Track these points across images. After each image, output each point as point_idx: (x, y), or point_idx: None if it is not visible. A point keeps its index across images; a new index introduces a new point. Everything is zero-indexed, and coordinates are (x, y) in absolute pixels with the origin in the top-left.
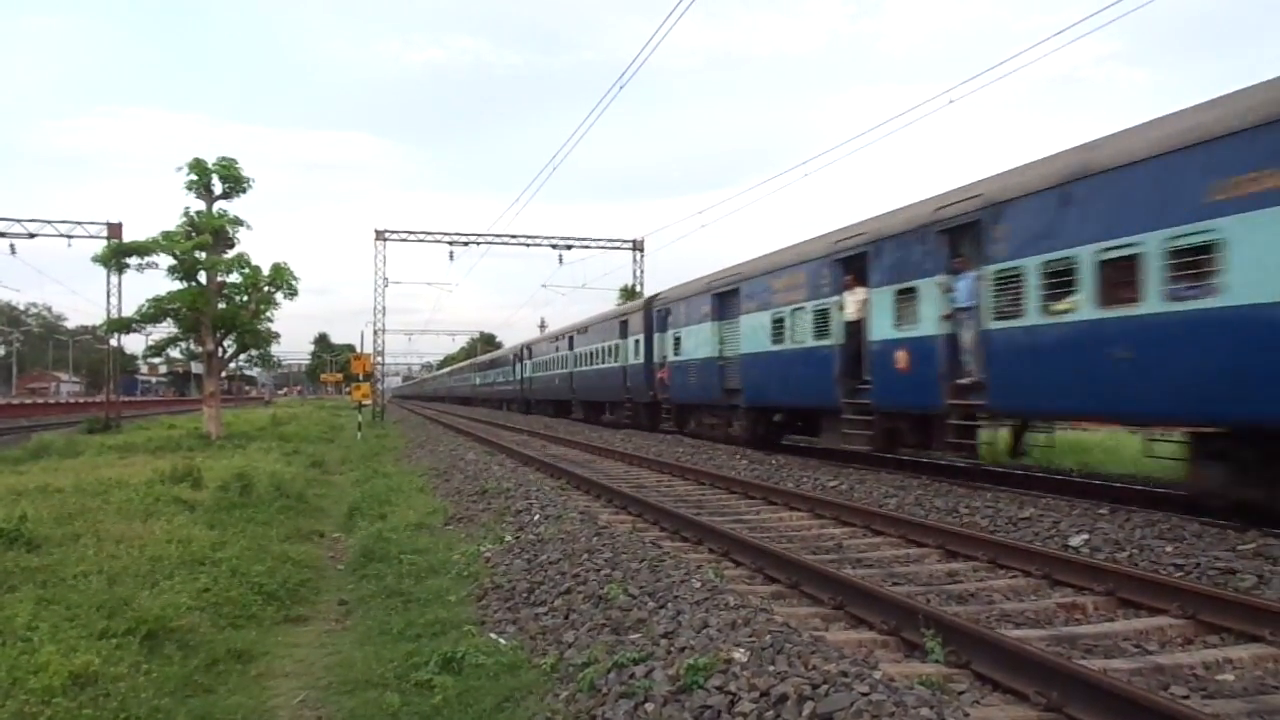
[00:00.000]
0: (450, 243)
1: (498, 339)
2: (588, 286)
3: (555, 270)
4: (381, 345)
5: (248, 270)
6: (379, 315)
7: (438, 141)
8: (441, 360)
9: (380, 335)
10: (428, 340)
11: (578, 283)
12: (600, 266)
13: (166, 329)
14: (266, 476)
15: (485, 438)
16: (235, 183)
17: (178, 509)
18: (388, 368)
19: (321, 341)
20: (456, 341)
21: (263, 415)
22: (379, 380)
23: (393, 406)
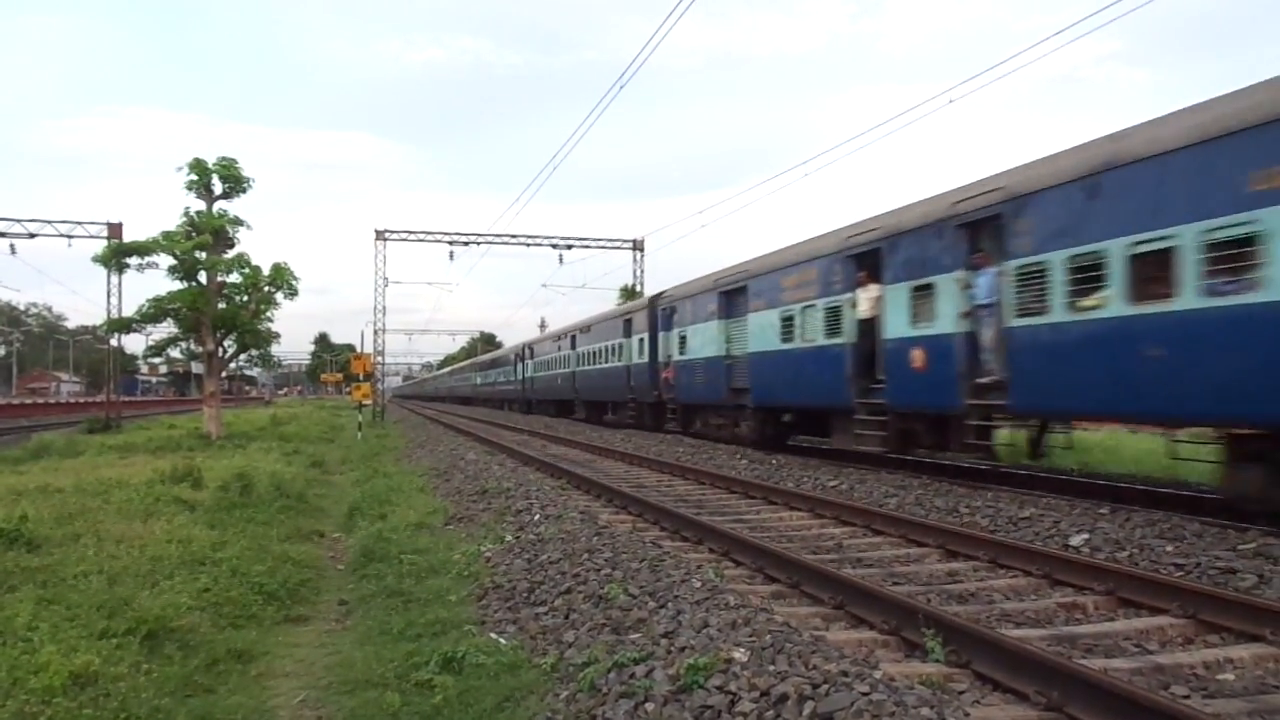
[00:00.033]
0: (450, 242)
1: (498, 339)
2: (588, 286)
3: (555, 270)
4: (381, 345)
5: (248, 270)
6: (379, 315)
7: (438, 141)
8: (442, 360)
9: (380, 335)
10: (428, 340)
11: (578, 282)
12: (600, 266)
13: (167, 329)
14: (267, 476)
15: (485, 438)
16: (235, 183)
17: (178, 509)
18: (388, 367)
19: (322, 341)
20: (456, 341)
21: (263, 415)
22: (379, 380)
23: (393, 406)
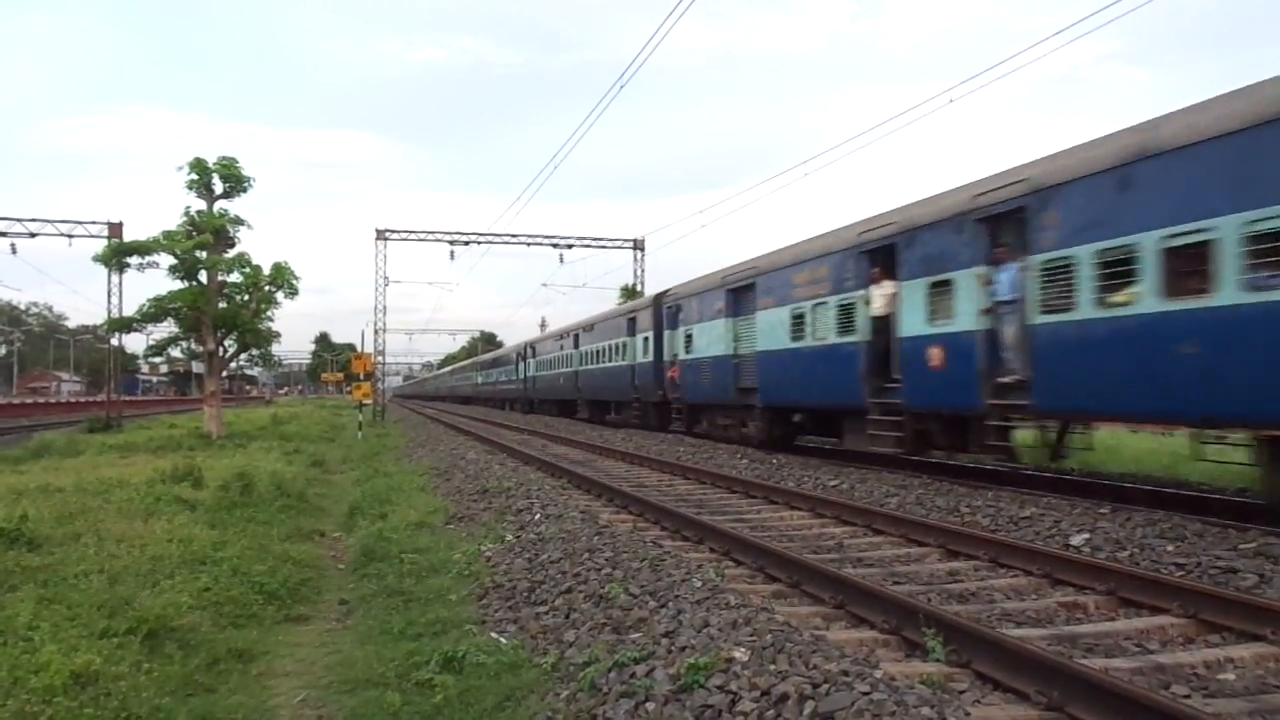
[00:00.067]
0: (451, 242)
1: (498, 338)
2: (588, 286)
3: (556, 269)
4: (382, 344)
5: (248, 269)
6: (379, 314)
7: (438, 141)
8: (442, 360)
9: (381, 334)
10: (428, 339)
11: (578, 282)
12: (601, 266)
13: (167, 328)
14: (267, 476)
15: (486, 437)
16: (236, 182)
17: (179, 508)
18: (388, 367)
19: (322, 341)
20: (457, 341)
21: (263, 414)
22: (379, 380)
23: (393, 406)
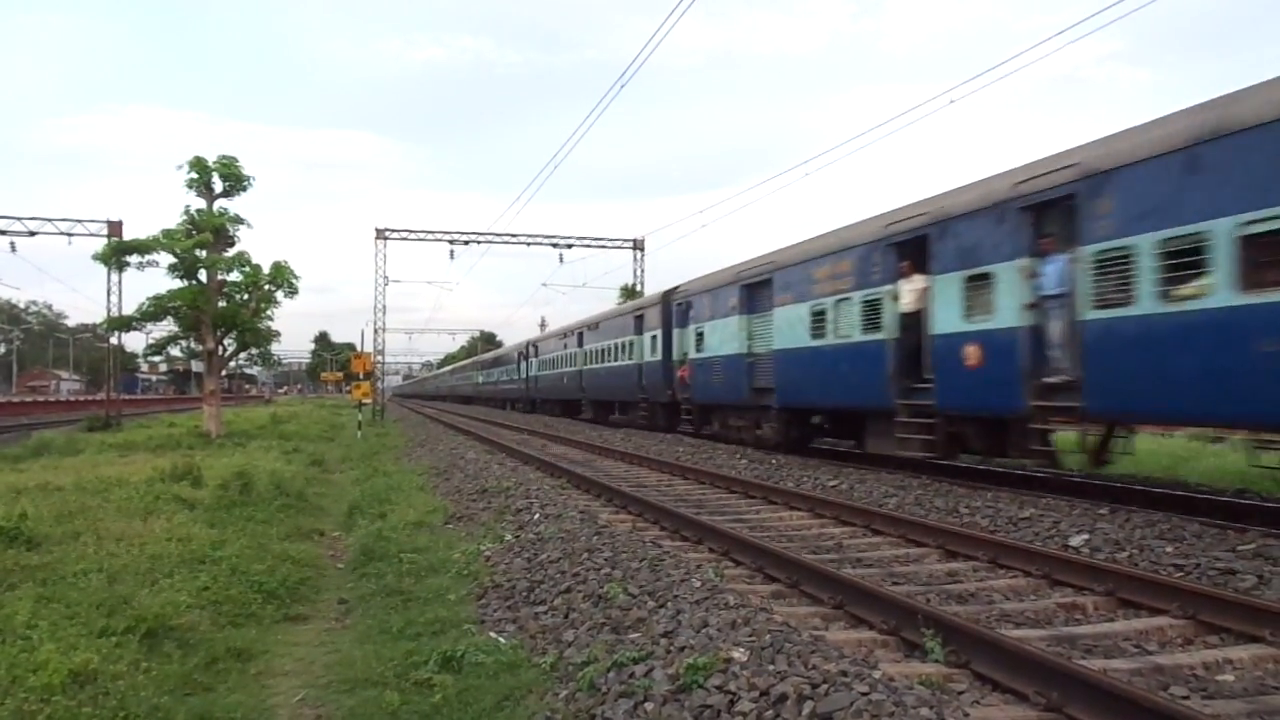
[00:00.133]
0: (451, 241)
1: (498, 338)
2: (588, 285)
3: (556, 269)
4: (382, 344)
5: (248, 268)
6: (379, 314)
7: (438, 140)
8: (442, 359)
9: (380, 334)
10: (428, 339)
11: (578, 282)
12: (601, 265)
13: (167, 327)
14: (266, 475)
15: (485, 437)
16: (236, 181)
17: (178, 507)
18: (388, 366)
19: (322, 340)
20: (457, 340)
21: (263, 414)
22: (379, 379)
23: (393, 405)
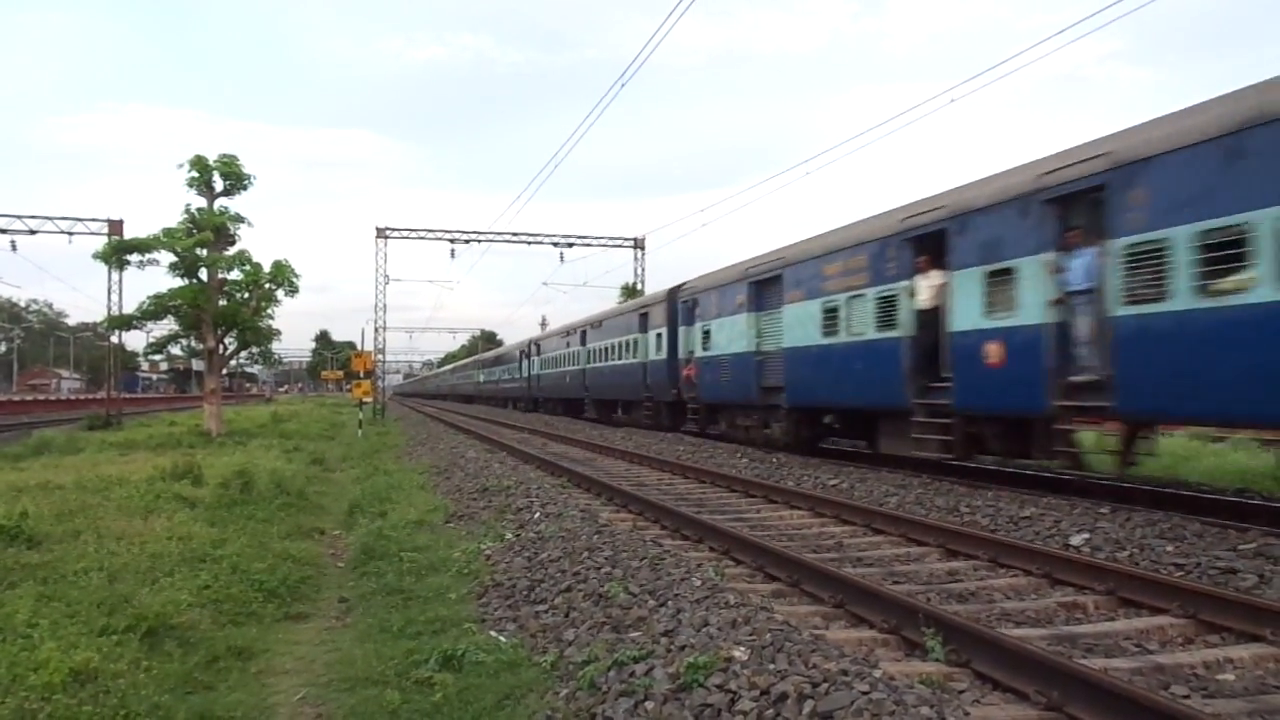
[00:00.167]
0: (451, 240)
1: (499, 337)
2: (589, 284)
3: (556, 268)
4: (382, 343)
5: (249, 267)
6: (380, 312)
7: (439, 139)
8: (442, 358)
9: (381, 333)
10: (429, 338)
11: (579, 281)
12: (601, 265)
13: (167, 326)
14: (267, 474)
15: (486, 435)
16: (236, 180)
17: (178, 506)
18: (388, 365)
19: (322, 339)
20: (457, 339)
21: (263, 412)
22: (380, 378)
23: (393, 404)
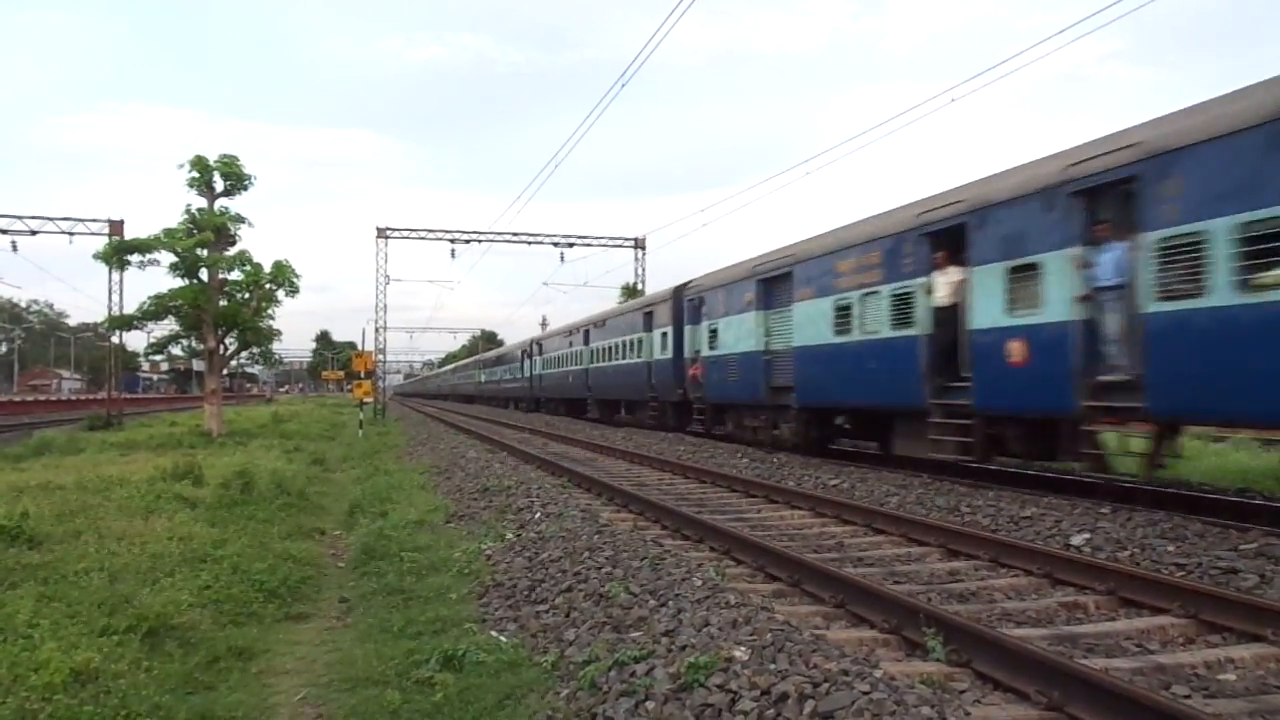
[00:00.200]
0: (452, 240)
1: (499, 337)
2: (589, 285)
3: (557, 268)
4: (383, 343)
5: (249, 267)
6: (380, 313)
7: (439, 139)
8: (443, 358)
9: (381, 333)
10: (429, 338)
11: (579, 281)
12: (602, 265)
13: (168, 326)
14: (268, 474)
15: (487, 436)
16: (237, 180)
17: (179, 506)
18: (389, 365)
19: (323, 339)
20: (458, 339)
21: (264, 413)
22: (380, 378)
23: (394, 405)
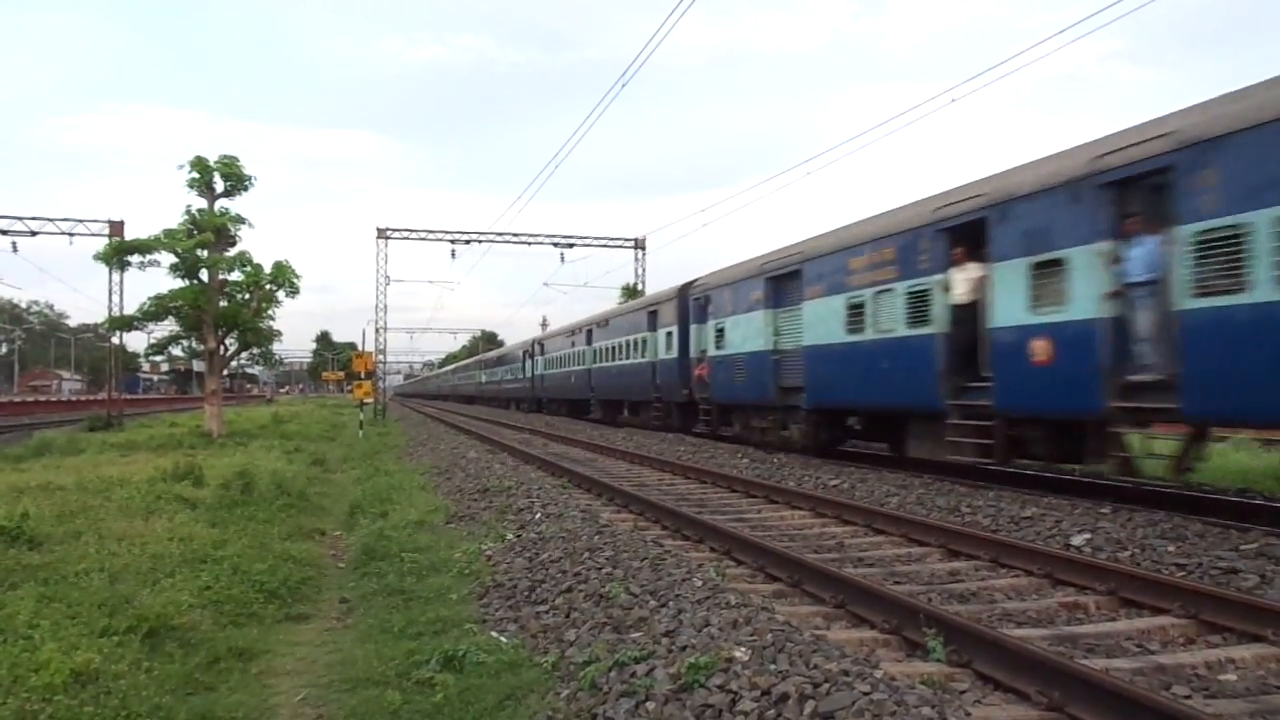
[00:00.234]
0: (452, 241)
1: (499, 337)
2: (589, 285)
3: (557, 269)
4: (383, 343)
5: (249, 268)
6: (380, 313)
7: (440, 139)
8: (443, 359)
9: (382, 333)
10: (429, 338)
11: (579, 281)
12: (602, 265)
13: (168, 327)
14: (268, 474)
15: (487, 436)
16: (237, 180)
17: (179, 507)
18: (389, 366)
19: (323, 339)
20: (458, 340)
21: (264, 413)
22: (380, 378)
23: (394, 405)
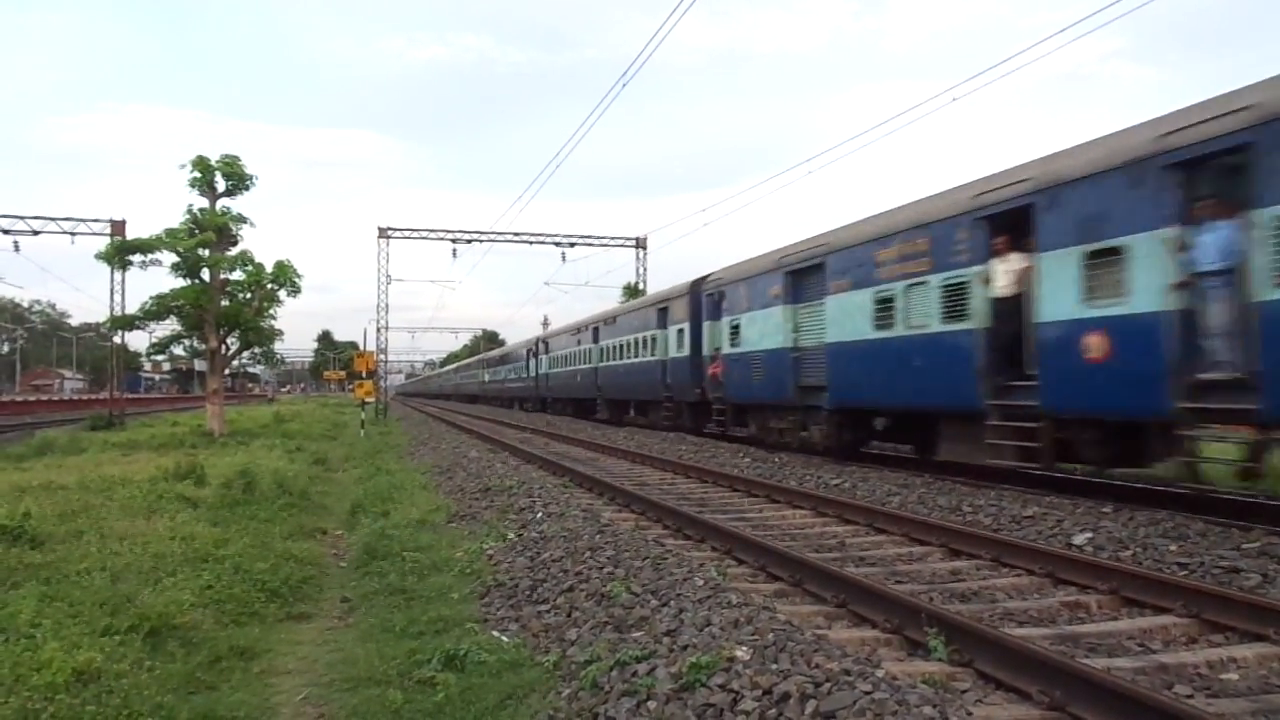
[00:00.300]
0: (453, 240)
1: (500, 336)
2: (590, 284)
3: (558, 268)
4: (384, 342)
5: (251, 267)
6: (382, 312)
7: (441, 139)
8: (445, 358)
9: (383, 332)
10: (430, 338)
11: (580, 280)
12: (603, 264)
13: (170, 326)
14: (269, 474)
15: (488, 435)
16: (238, 180)
17: (181, 506)
18: (391, 365)
19: (324, 339)
20: (459, 339)
21: (266, 412)
22: (382, 378)
23: (395, 404)
